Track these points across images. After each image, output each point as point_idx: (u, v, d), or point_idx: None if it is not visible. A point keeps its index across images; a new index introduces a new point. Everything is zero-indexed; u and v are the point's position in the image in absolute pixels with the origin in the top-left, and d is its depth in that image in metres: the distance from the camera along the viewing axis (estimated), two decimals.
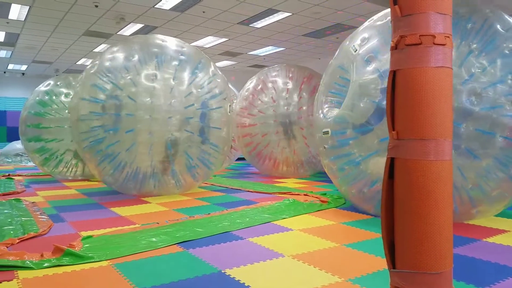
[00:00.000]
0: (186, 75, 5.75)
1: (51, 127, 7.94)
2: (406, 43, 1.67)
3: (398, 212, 1.73)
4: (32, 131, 8.05)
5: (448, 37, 1.67)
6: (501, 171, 3.80)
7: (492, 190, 3.87)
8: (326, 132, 4.54)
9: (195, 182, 6.17)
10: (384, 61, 4.12)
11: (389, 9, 2.57)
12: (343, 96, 4.50)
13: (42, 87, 8.42)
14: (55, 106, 8.04)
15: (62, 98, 8.12)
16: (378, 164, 4.09)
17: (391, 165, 1.75)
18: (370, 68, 4.23)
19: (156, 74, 5.56)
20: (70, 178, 8.22)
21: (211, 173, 6.39)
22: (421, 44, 1.65)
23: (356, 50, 4.41)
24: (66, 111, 7.84)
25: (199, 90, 5.78)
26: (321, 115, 4.75)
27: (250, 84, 8.67)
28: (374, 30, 4.45)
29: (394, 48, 1.73)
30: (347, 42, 4.72)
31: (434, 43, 1.64)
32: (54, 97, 8.11)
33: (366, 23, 4.66)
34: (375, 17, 4.68)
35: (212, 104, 5.91)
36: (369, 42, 4.40)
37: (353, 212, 4.80)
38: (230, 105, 6.28)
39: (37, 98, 8.18)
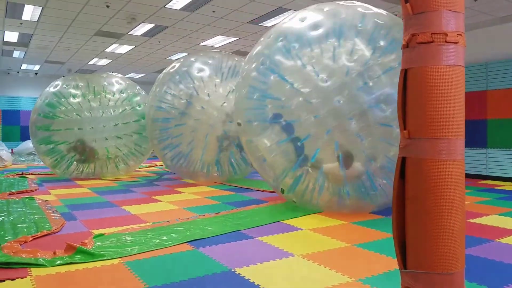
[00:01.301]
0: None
1: (61, 130, 7.94)
2: (418, 41, 1.65)
3: (409, 212, 1.72)
4: (42, 133, 8.05)
5: (461, 35, 1.65)
6: None
7: None
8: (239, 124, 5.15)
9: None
10: None
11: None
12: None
13: (51, 89, 8.41)
14: (64, 108, 8.03)
15: (71, 99, 8.10)
16: None
17: (402, 164, 1.74)
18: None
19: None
20: (81, 177, 8.30)
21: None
22: (433, 42, 1.63)
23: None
24: (75, 113, 7.93)
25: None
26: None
27: None
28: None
29: (406, 46, 1.71)
30: (246, 67, 5.07)
31: (446, 41, 1.62)
32: (62, 99, 8.09)
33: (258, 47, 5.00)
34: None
35: None
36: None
37: (364, 212, 4.76)
38: None
39: (46, 100, 8.17)
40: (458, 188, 1.64)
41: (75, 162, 8.13)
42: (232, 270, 2.81)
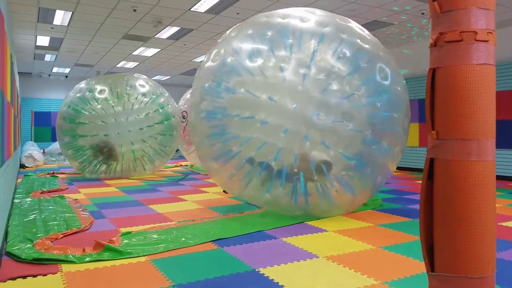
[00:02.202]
0: None
1: (86, 136, 8.01)
2: (446, 40, 1.62)
3: (437, 215, 1.68)
4: (67, 138, 8.13)
5: (491, 33, 1.60)
6: None
7: None
8: None
9: None
10: None
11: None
12: None
13: (75, 93, 8.41)
14: (88, 113, 8.03)
15: (95, 104, 8.10)
16: None
17: (430, 165, 1.71)
18: None
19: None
20: (109, 177, 8.48)
21: None
22: (462, 41, 1.59)
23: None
24: (100, 120, 7.95)
25: None
26: None
27: None
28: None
29: (434, 45, 1.68)
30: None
31: (476, 40, 1.58)
32: (87, 105, 8.08)
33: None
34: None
35: None
36: None
37: (390, 214, 4.69)
38: None
39: (71, 105, 8.19)
40: (488, 190, 1.60)
41: (103, 165, 8.25)
42: (256, 270, 2.82)
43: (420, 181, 4.70)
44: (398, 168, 10.24)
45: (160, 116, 8.54)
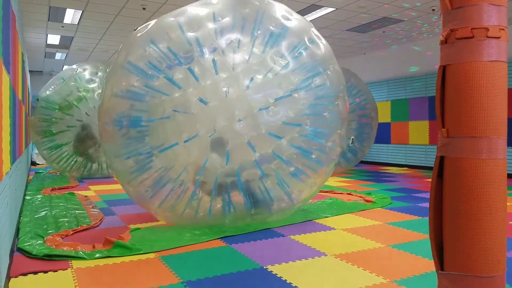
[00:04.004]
0: None
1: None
2: (457, 37, 1.60)
3: (447, 213, 1.67)
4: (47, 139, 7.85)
5: (503, 29, 1.58)
6: None
7: None
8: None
9: None
10: None
11: None
12: None
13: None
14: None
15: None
16: None
17: (440, 164, 1.69)
18: None
19: None
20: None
21: None
22: (473, 37, 1.57)
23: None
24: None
25: None
26: None
27: None
28: None
29: (444, 42, 1.66)
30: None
31: (487, 36, 1.56)
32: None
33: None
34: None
35: None
36: None
37: (399, 212, 4.66)
38: None
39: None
40: (499, 189, 1.58)
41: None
42: (264, 267, 2.82)
43: (430, 180, 4.64)
44: (408, 166, 10.17)
45: None
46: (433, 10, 7.62)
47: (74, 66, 8.45)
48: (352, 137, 8.24)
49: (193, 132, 3.52)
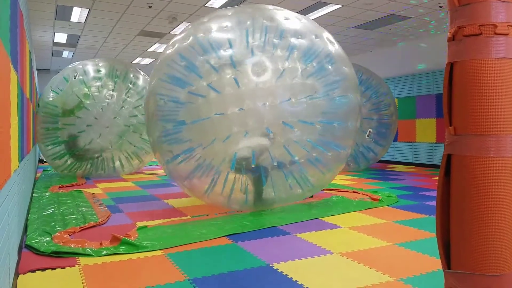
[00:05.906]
0: None
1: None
2: (465, 34, 1.59)
3: (454, 212, 1.66)
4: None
5: None
6: None
7: None
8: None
9: None
10: None
11: None
12: None
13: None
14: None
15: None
16: None
17: (447, 161, 1.68)
18: None
19: None
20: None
21: None
22: (481, 34, 1.56)
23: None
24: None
25: None
26: None
27: None
28: None
29: (452, 39, 1.65)
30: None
31: (495, 33, 1.55)
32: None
33: None
34: None
35: None
36: None
37: (406, 211, 4.64)
38: None
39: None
40: (506, 187, 1.57)
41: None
42: (270, 265, 2.83)
43: (437, 178, 4.63)
44: (415, 164, 10.12)
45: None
46: (441, 7, 7.55)
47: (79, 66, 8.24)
48: (370, 129, 8.23)
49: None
